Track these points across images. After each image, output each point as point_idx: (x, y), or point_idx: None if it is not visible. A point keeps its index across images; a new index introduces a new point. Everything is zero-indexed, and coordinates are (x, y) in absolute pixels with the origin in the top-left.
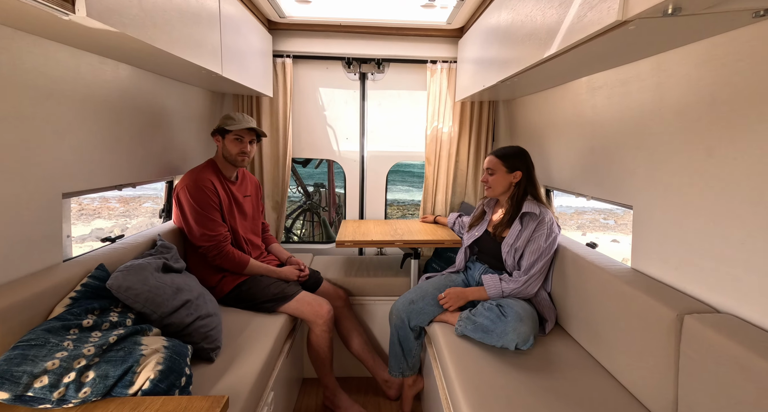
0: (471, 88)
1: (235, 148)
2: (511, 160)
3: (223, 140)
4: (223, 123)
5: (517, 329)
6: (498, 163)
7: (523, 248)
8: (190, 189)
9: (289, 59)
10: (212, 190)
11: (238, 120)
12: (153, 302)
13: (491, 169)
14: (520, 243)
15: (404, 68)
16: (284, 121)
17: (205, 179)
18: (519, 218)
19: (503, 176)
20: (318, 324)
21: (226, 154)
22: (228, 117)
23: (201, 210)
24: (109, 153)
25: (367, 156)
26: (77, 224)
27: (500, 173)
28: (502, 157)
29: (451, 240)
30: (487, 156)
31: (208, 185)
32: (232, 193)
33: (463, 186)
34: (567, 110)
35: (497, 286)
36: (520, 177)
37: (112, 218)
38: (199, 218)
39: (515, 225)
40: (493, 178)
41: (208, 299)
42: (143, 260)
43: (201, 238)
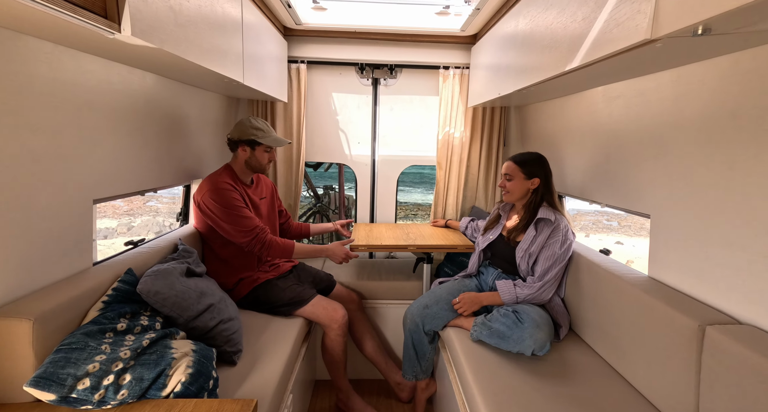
0: (485, 94)
1: (265, 158)
2: (529, 167)
3: (252, 151)
4: (252, 134)
5: (534, 336)
6: (516, 169)
7: (537, 253)
8: (212, 194)
9: (303, 65)
10: (233, 190)
11: (266, 131)
12: (179, 306)
13: (509, 175)
14: (534, 248)
15: (416, 74)
16: (298, 125)
17: (223, 182)
18: (534, 224)
19: (521, 182)
20: (333, 328)
21: (254, 164)
22: (255, 128)
23: (229, 210)
24: (134, 159)
25: (378, 160)
26: None
27: (518, 179)
28: (520, 164)
29: (464, 245)
30: (506, 161)
31: (227, 186)
32: (249, 196)
33: (474, 191)
34: (582, 118)
35: (511, 291)
36: (537, 184)
37: (116, 216)
38: (230, 217)
39: (530, 230)
40: (511, 184)
41: (229, 302)
42: (168, 265)
43: (239, 235)
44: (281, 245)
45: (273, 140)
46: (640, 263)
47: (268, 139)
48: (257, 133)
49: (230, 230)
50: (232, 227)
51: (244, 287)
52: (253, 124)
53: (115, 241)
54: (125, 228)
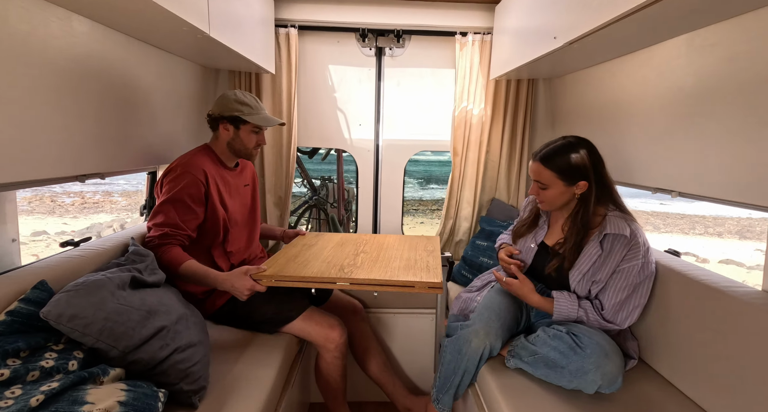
0: (513, 61)
1: (252, 140)
2: (568, 167)
3: (236, 130)
4: (236, 110)
5: (601, 368)
6: (550, 175)
7: (606, 280)
8: (172, 174)
9: (294, 30)
10: (200, 184)
11: (255, 107)
12: (112, 334)
13: (542, 183)
14: (601, 275)
15: (428, 41)
16: (288, 103)
17: (195, 166)
18: (600, 241)
19: (561, 191)
20: (329, 349)
21: (237, 146)
22: (240, 102)
23: (174, 195)
24: (65, 135)
25: (382, 145)
26: (79, 218)
27: (556, 187)
28: (553, 164)
29: (426, 283)
30: (533, 160)
31: (197, 174)
32: (228, 183)
33: (494, 180)
34: (648, 82)
35: (572, 311)
36: (585, 187)
37: (114, 211)
38: (165, 204)
39: (591, 247)
40: (546, 194)
41: (193, 321)
42: (102, 275)
43: (155, 226)
44: (168, 259)
45: (263, 119)
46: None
47: (256, 118)
48: (243, 108)
49: (154, 210)
50: (156, 209)
51: (218, 297)
52: (239, 97)
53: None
54: (119, 224)
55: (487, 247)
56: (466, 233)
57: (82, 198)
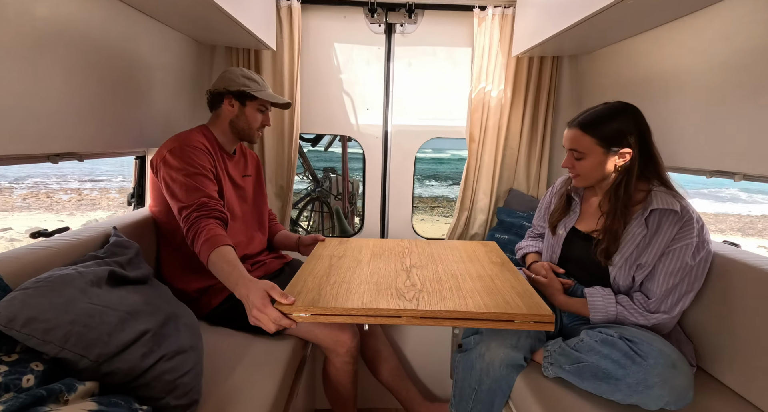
0: (542, 31)
1: (258, 119)
2: (611, 132)
3: (242, 107)
4: (244, 85)
5: (669, 381)
6: (590, 141)
7: (653, 263)
8: (174, 151)
9: (297, 3)
10: (205, 151)
11: (262, 85)
12: (81, 340)
13: (578, 152)
14: (647, 258)
15: (443, 17)
16: (291, 85)
17: (194, 140)
18: (645, 218)
19: (599, 160)
20: (339, 354)
21: (241, 125)
22: (248, 77)
23: (187, 169)
24: (33, 104)
25: (392, 131)
26: (75, 215)
27: (594, 156)
28: (594, 130)
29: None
30: (569, 127)
31: (198, 145)
32: (227, 171)
33: (513, 169)
34: (709, 49)
35: (610, 309)
36: (629, 157)
37: (111, 208)
38: (181, 182)
39: (635, 227)
40: (582, 165)
41: (183, 323)
42: (72, 269)
43: (178, 205)
44: (209, 236)
45: (271, 96)
46: None
47: (265, 94)
48: (251, 84)
49: (174, 193)
50: (175, 192)
51: (213, 295)
52: (245, 73)
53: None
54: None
55: (508, 240)
56: (482, 226)
57: (79, 194)
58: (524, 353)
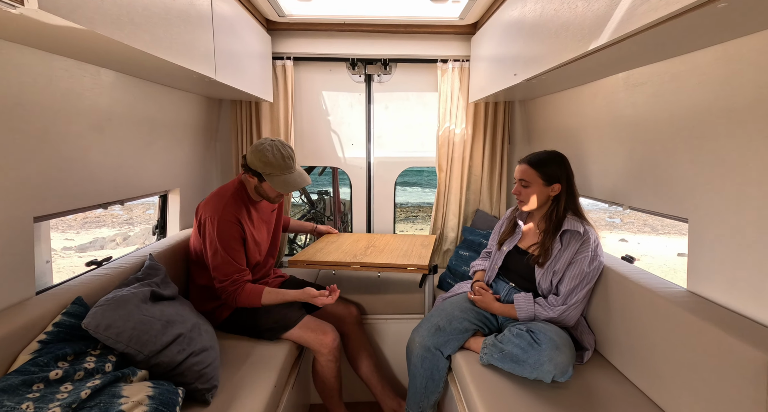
0: (487, 88)
1: (273, 192)
2: (549, 170)
3: (260, 183)
4: (260, 168)
5: (553, 359)
6: (533, 173)
7: (563, 271)
8: (214, 221)
9: (289, 61)
10: (236, 223)
11: (279, 166)
12: (138, 341)
13: (525, 181)
14: (559, 266)
15: (412, 69)
16: (286, 127)
17: (231, 215)
18: (559, 237)
19: (540, 189)
20: (323, 354)
21: (261, 193)
22: (266, 162)
23: (221, 245)
24: (92, 168)
25: (374, 162)
26: (80, 233)
27: (536, 186)
28: (538, 166)
29: (415, 265)
30: (520, 163)
31: (231, 219)
32: (254, 219)
33: (478, 193)
34: (599, 110)
35: (530, 308)
36: (559, 190)
37: (115, 225)
38: (218, 254)
39: (554, 244)
40: (527, 191)
41: (204, 329)
42: (127, 291)
43: (216, 274)
44: (248, 296)
45: (282, 183)
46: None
47: (276, 181)
48: (266, 169)
49: (212, 263)
50: (214, 263)
51: (224, 309)
52: (266, 156)
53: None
54: (122, 238)
55: (469, 257)
56: (452, 243)
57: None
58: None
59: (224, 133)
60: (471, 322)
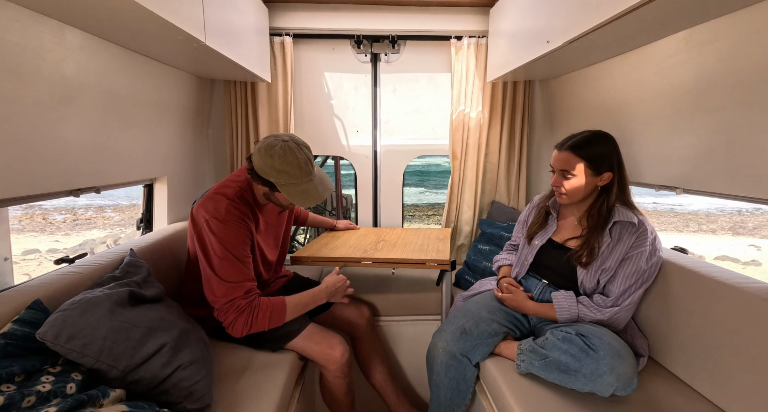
0: (510, 62)
1: (287, 201)
2: (597, 157)
3: (271, 192)
4: (275, 176)
5: (615, 369)
6: (579, 162)
7: (614, 268)
8: (217, 222)
9: (289, 38)
10: (243, 223)
11: (296, 175)
12: (111, 353)
13: (568, 171)
14: (610, 263)
15: (423, 46)
16: (285, 112)
17: (239, 219)
18: (609, 229)
19: (587, 180)
20: (330, 370)
21: (272, 200)
22: (280, 170)
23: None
24: (58, 147)
25: (380, 151)
26: (70, 235)
27: (582, 176)
28: (583, 154)
29: (435, 260)
30: (560, 150)
31: (237, 217)
32: (263, 222)
33: (494, 183)
34: (647, 80)
35: (572, 309)
36: (609, 179)
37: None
38: (222, 264)
39: (602, 240)
40: (571, 184)
41: (195, 337)
42: (100, 292)
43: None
44: (269, 313)
45: (300, 194)
46: None
47: (292, 192)
48: (280, 179)
49: (216, 276)
50: (221, 274)
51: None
52: (279, 163)
53: None
54: (112, 240)
55: (489, 251)
56: (467, 237)
57: (74, 215)
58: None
59: (217, 119)
60: (500, 324)
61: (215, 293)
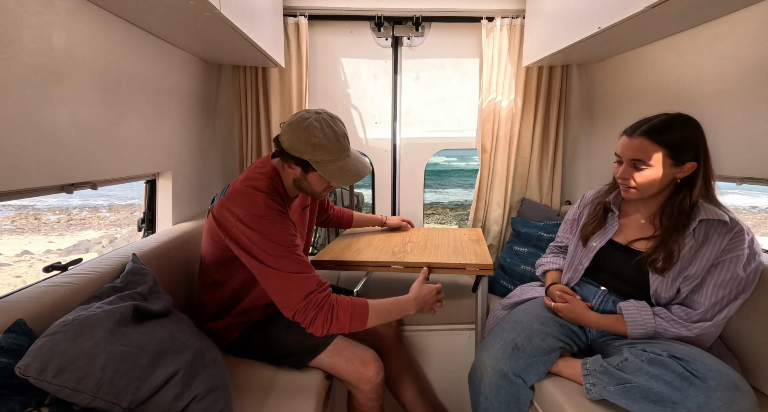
0: (553, 43)
1: (322, 184)
2: (680, 143)
3: (304, 174)
4: (307, 153)
5: (733, 405)
6: (656, 150)
7: (702, 275)
8: (267, 219)
9: (304, 19)
10: (283, 214)
11: (333, 150)
12: (113, 387)
13: (642, 162)
14: (696, 269)
15: (450, 29)
16: (299, 101)
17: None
18: (692, 230)
19: (665, 171)
20: (362, 391)
21: (303, 186)
22: (315, 144)
23: (288, 248)
24: (44, 133)
25: (400, 144)
26: (65, 235)
27: (658, 166)
28: (662, 140)
29: (477, 265)
30: (631, 136)
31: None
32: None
33: (525, 179)
34: (727, 55)
35: (648, 322)
36: (692, 170)
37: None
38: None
39: (684, 243)
40: (643, 176)
41: (211, 357)
42: (98, 308)
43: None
44: (351, 311)
45: (338, 172)
46: None
47: (329, 169)
48: (316, 154)
49: (271, 278)
50: (283, 268)
51: (233, 328)
52: (316, 136)
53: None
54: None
55: (527, 254)
56: (496, 238)
57: (68, 215)
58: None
59: (225, 109)
60: (556, 338)
61: (285, 293)
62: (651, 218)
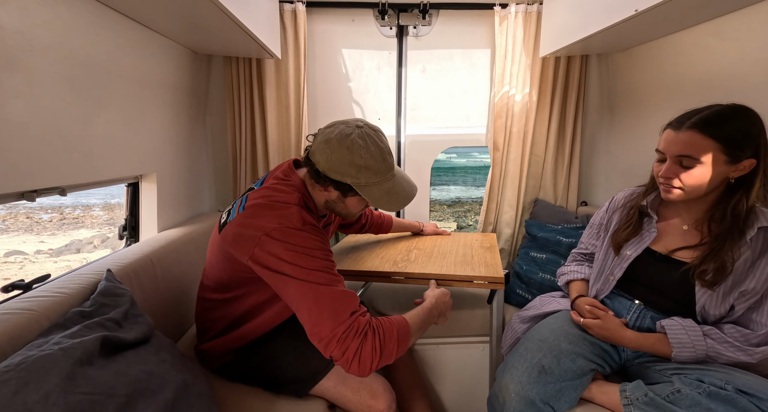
0: (576, 31)
1: (359, 207)
2: (737, 138)
3: (342, 197)
4: (354, 174)
5: None
6: (710, 145)
7: (762, 291)
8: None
9: (301, 5)
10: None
11: (379, 171)
12: None
13: (691, 158)
14: (754, 283)
15: (459, 17)
16: (297, 96)
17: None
18: (750, 238)
19: (717, 169)
20: None
21: (338, 210)
22: (360, 166)
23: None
24: (2, 135)
25: (405, 142)
26: (57, 235)
27: (710, 164)
28: (721, 135)
29: (485, 278)
30: (678, 129)
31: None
32: None
33: (538, 178)
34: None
35: (699, 344)
36: (750, 168)
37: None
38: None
39: (739, 252)
40: (692, 175)
41: (197, 392)
42: (52, 345)
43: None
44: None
45: (385, 195)
46: None
47: (374, 193)
48: (361, 177)
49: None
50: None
51: (227, 348)
52: (361, 157)
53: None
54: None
55: (546, 260)
56: (508, 241)
57: (61, 214)
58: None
59: (215, 105)
60: (587, 359)
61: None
62: (696, 223)
